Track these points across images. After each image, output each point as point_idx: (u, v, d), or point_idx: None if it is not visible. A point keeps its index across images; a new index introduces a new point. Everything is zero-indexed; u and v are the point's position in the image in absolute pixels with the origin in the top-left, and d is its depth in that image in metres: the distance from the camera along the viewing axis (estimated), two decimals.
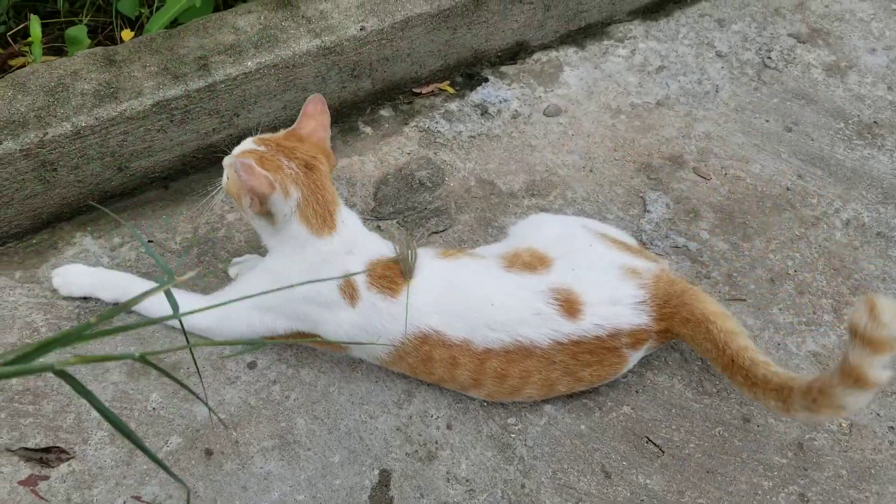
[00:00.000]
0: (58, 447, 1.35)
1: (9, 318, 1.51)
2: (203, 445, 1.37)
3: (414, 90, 2.02)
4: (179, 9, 1.81)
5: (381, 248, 1.41)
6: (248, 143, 1.37)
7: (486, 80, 2.09)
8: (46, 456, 1.34)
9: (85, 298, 1.54)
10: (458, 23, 1.93)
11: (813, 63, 2.25)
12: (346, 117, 1.95)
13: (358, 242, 1.39)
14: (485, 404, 1.46)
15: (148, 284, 1.51)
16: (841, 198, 1.89)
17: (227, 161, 1.37)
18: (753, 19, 2.38)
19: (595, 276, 1.38)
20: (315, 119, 1.41)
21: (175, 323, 1.50)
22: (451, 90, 2.05)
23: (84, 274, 1.54)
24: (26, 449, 1.34)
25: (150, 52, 1.65)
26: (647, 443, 1.43)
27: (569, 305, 1.34)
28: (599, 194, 1.86)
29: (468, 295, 1.35)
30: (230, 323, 1.46)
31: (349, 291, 1.35)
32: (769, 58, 2.25)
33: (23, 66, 1.77)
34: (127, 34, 1.93)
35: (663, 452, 1.42)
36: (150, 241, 1.65)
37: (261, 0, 1.81)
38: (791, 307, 1.66)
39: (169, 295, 0.74)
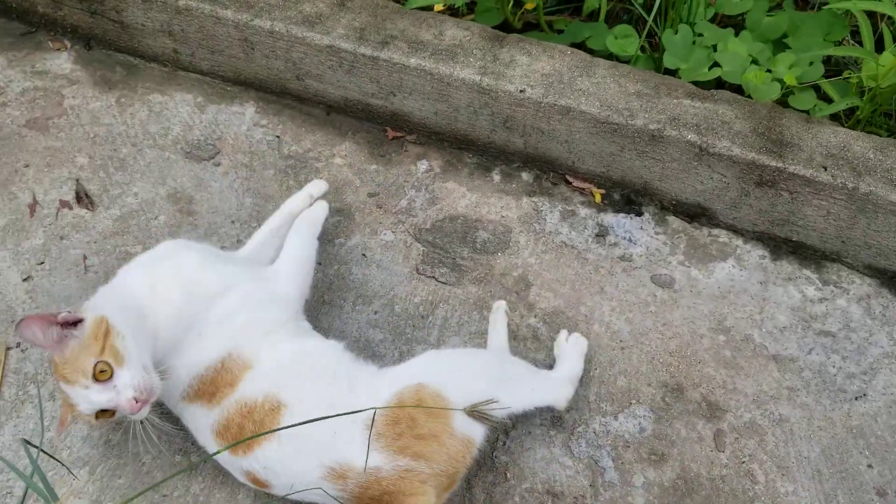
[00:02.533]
0: None
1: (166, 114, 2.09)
2: None
3: (568, 177, 2.02)
4: None
5: None
6: None
7: (641, 214, 1.98)
8: None
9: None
10: (626, 143, 1.86)
11: None
12: (487, 157, 2.06)
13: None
14: None
15: None
16: None
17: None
18: None
19: (293, 461, 1.34)
20: None
21: None
22: (598, 199, 1.99)
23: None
24: None
25: (386, 13, 2.00)
26: None
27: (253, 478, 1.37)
28: (598, 368, 1.70)
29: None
30: None
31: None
32: None
33: None
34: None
35: None
36: (277, 137, 2.07)
37: (485, 27, 2.00)
38: None
39: None
